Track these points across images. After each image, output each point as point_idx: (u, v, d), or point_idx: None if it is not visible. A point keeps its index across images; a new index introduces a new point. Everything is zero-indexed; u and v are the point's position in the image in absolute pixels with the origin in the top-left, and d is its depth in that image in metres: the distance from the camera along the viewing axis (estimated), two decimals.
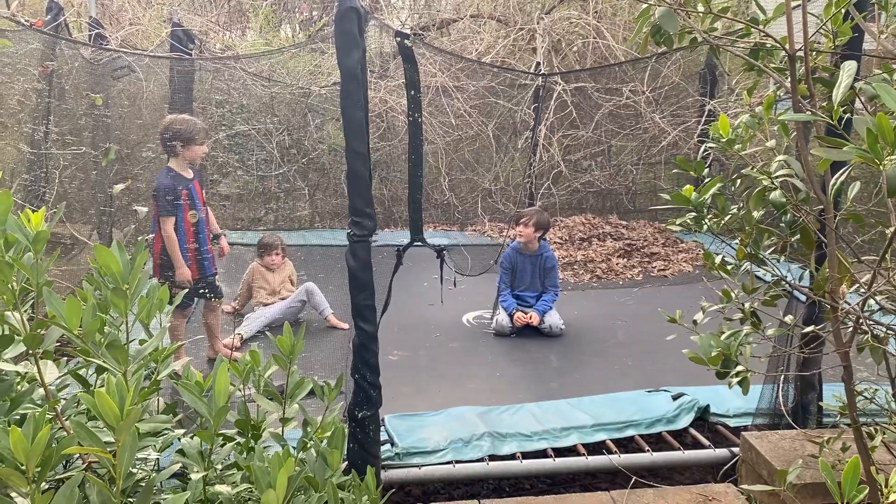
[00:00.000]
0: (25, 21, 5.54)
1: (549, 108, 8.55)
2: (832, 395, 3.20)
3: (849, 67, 1.84)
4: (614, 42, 8.96)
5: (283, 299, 5.78)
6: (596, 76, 8.94)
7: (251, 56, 8.41)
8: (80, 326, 1.74)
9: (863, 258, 2.25)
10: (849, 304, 2.13)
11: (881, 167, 1.42)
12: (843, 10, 2.25)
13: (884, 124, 1.40)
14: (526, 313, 5.65)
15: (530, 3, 9.80)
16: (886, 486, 1.60)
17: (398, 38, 3.77)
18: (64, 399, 2.05)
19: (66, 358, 2.35)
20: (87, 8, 7.44)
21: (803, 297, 2.70)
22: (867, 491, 1.50)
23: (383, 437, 3.54)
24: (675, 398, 4.06)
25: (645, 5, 2.23)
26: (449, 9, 10.51)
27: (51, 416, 1.80)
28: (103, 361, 1.79)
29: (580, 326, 5.83)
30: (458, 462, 3.55)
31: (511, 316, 5.67)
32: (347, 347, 4.64)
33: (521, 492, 3.97)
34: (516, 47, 9.59)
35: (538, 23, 9.18)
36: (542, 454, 3.70)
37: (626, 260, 7.68)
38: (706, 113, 8.05)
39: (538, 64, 8.54)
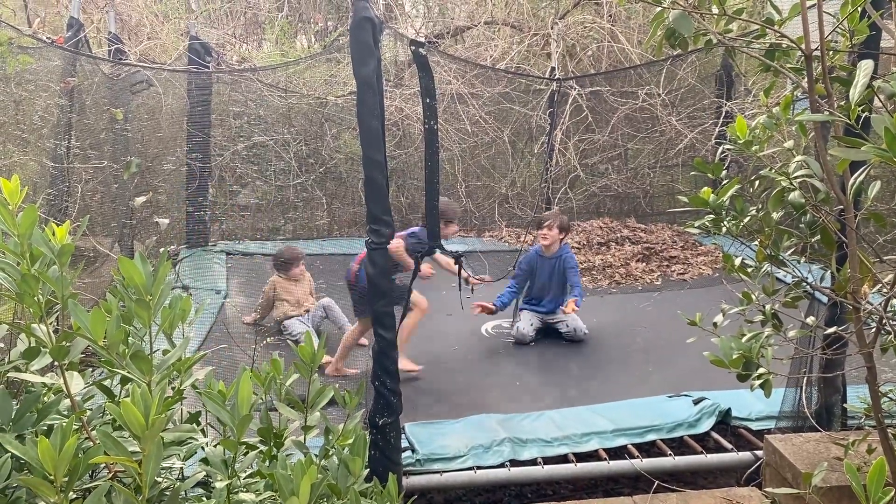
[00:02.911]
0: (47, 38, 5.64)
1: (565, 112, 8.54)
2: (856, 396, 3.17)
3: (865, 66, 1.83)
4: (629, 45, 8.93)
5: (307, 311, 5.81)
6: (611, 80, 8.92)
7: (268, 68, 8.49)
8: (105, 338, 1.77)
9: (885, 258, 2.23)
10: (871, 305, 2.11)
11: None
12: (859, 9, 2.23)
13: None
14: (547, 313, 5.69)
15: (544, 9, 9.81)
16: None
17: (413, 47, 3.79)
18: (89, 410, 2.08)
19: (90, 369, 2.38)
20: (107, 23, 7.56)
21: (825, 299, 2.68)
22: (893, 493, 1.49)
23: (404, 444, 3.55)
24: (696, 402, 4.03)
25: (659, 8, 2.23)
26: (463, 16, 10.54)
27: (77, 427, 1.83)
28: (128, 372, 1.81)
29: (600, 332, 5.81)
30: (478, 468, 3.55)
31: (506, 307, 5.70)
32: (367, 355, 4.66)
33: (544, 498, 3.95)
34: (531, 53, 9.60)
35: (552, 28, 9.18)
36: (563, 459, 3.69)
37: (644, 264, 7.64)
38: (723, 114, 8.00)
39: (553, 69, 8.54)
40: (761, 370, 2.26)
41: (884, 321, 2.07)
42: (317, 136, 8.86)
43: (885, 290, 2.10)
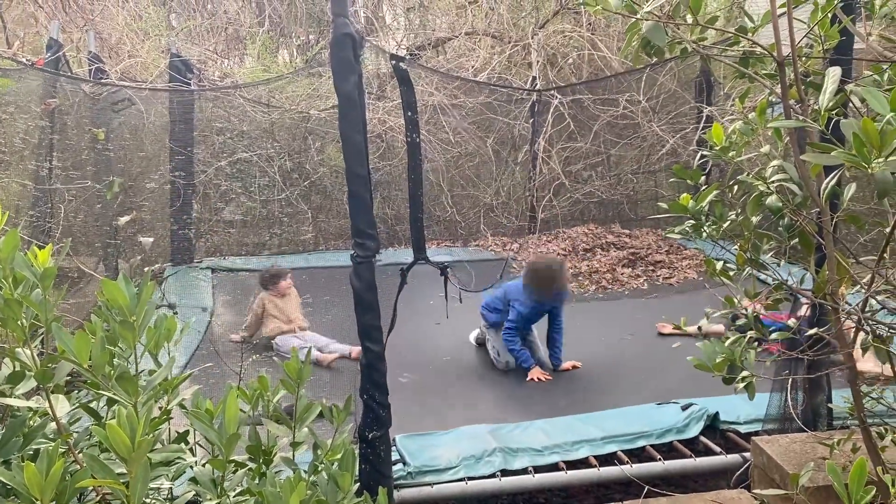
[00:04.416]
0: (27, 60, 5.63)
1: (547, 121, 8.59)
2: (841, 396, 3.20)
3: (833, 73, 1.87)
4: (609, 53, 9.01)
5: (302, 329, 5.78)
6: (592, 88, 8.99)
7: (250, 84, 8.49)
8: (90, 360, 1.76)
9: (861, 258, 2.27)
10: (849, 305, 2.14)
11: (869, 170, 1.44)
12: (829, 15, 2.27)
13: (869, 128, 1.42)
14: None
15: (524, 18, 9.88)
16: (894, 486, 1.60)
17: (393, 61, 3.82)
18: (76, 432, 2.07)
19: (77, 391, 2.37)
20: (87, 43, 7.54)
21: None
22: (874, 492, 1.51)
23: (394, 456, 3.55)
24: (684, 409, 4.06)
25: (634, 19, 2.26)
26: (444, 27, 10.59)
27: (64, 450, 1.82)
28: (113, 394, 1.81)
29: (587, 340, 5.81)
30: (470, 479, 3.55)
31: (528, 369, 5.15)
32: (355, 370, 4.66)
33: None
34: (512, 62, 9.65)
35: (532, 37, 9.25)
36: (554, 468, 3.70)
37: (630, 269, 7.68)
38: (704, 119, 8.07)
39: (534, 78, 8.60)
40: (745, 373, 2.29)
41: (862, 321, 2.10)
42: (300, 150, 8.86)
43: (863, 290, 2.13)
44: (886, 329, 2.12)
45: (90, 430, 1.99)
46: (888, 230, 1.95)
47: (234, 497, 2.05)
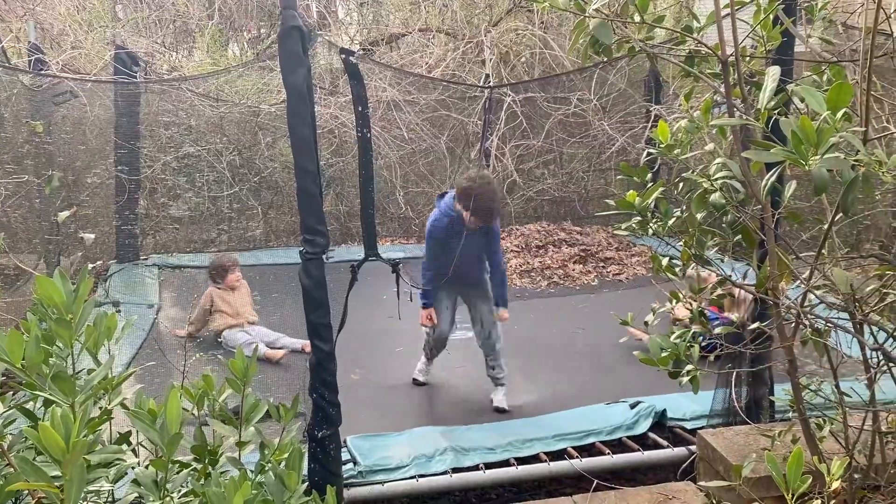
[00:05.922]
0: None
1: (500, 118, 8.63)
2: (782, 390, 3.28)
3: (773, 72, 1.91)
4: (561, 52, 9.09)
5: (250, 323, 5.68)
6: (544, 86, 9.05)
7: (197, 77, 8.31)
8: (23, 359, 1.70)
9: (802, 255, 2.33)
10: (789, 300, 2.20)
11: (807, 167, 1.48)
12: (771, 16, 2.33)
13: (806, 126, 1.46)
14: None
15: (477, 16, 9.89)
16: (830, 475, 1.65)
17: (343, 55, 3.78)
18: (11, 434, 2.00)
19: (13, 392, 2.29)
20: (27, 33, 7.28)
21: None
22: (810, 480, 1.55)
23: (345, 456, 3.52)
24: (632, 406, 4.12)
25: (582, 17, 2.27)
26: (397, 23, 10.54)
27: None
28: (49, 394, 1.75)
29: (539, 335, 5.85)
30: (420, 476, 3.54)
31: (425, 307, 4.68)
32: (304, 367, 4.61)
33: (488, 502, 3.98)
34: (465, 60, 9.66)
35: (486, 35, 9.27)
36: (505, 464, 3.72)
37: (581, 265, 7.77)
38: (652, 118, 8.20)
39: (487, 76, 8.62)
40: (689, 367, 2.33)
41: (800, 316, 2.15)
42: (250, 146, 8.72)
43: (803, 285, 2.19)
44: (824, 323, 2.18)
45: (23, 431, 1.92)
46: (826, 227, 2.01)
47: (179, 498, 2.00)
